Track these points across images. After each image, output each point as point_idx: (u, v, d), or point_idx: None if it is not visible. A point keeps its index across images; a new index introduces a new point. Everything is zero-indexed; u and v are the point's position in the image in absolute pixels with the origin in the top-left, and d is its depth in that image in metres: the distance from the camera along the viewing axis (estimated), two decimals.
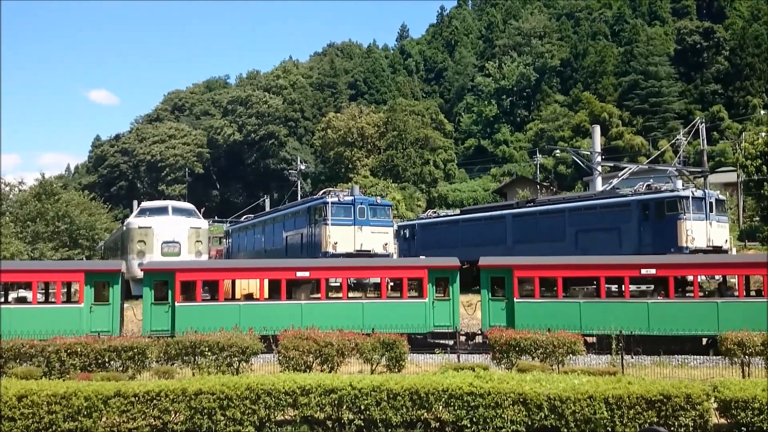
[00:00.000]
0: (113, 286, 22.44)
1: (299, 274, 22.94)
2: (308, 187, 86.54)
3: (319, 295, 23.12)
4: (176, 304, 22.03)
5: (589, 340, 20.68)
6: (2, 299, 23.11)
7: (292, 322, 20.54)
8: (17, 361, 16.94)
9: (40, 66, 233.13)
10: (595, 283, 22.47)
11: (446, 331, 22.06)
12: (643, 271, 22.05)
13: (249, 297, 25.01)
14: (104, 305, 22.21)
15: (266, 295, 22.73)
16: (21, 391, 12.62)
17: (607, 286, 21.84)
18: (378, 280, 24.20)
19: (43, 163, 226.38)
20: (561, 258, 24.47)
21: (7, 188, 50.00)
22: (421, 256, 33.48)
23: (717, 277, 25.04)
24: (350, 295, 23.88)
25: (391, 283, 26.27)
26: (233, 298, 25.10)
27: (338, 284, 26.62)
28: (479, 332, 22.83)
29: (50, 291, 25.53)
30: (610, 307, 21.18)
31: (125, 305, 24.16)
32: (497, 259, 24.00)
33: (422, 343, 21.39)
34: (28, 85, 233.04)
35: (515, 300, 21.64)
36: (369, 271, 24.27)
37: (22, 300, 24.85)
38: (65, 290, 25.29)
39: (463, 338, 22.55)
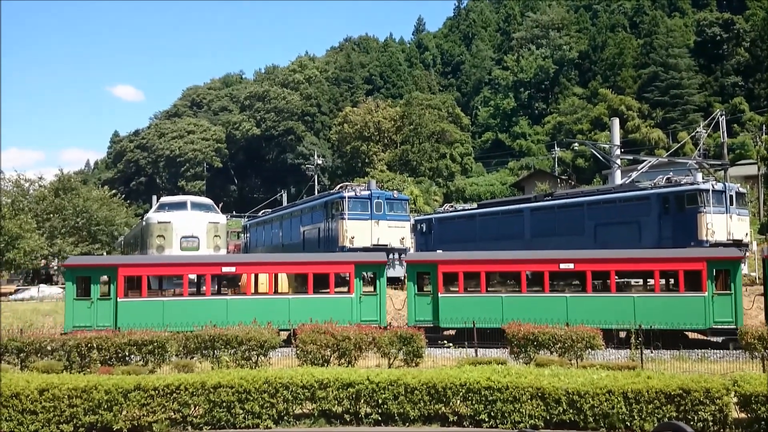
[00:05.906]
0: (379, 277, 22.69)
1: (563, 266, 22.37)
2: (326, 181, 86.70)
3: (583, 288, 22.28)
4: (439, 295, 22.00)
5: None
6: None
7: (557, 315, 20.55)
8: (38, 355, 17.15)
9: (64, 62, 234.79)
10: None
11: (727, 327, 20.06)
12: None
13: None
14: (372, 296, 22.60)
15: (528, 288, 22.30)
16: (42, 384, 12.75)
17: None
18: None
19: (66, 159, 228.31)
20: None
21: (27, 184, 50.40)
22: (438, 251, 33.42)
23: None
24: (619, 288, 22.76)
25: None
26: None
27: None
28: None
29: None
30: None
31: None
32: None
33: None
34: (54, 82, 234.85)
35: None
36: (639, 263, 22.35)
37: None
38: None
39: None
